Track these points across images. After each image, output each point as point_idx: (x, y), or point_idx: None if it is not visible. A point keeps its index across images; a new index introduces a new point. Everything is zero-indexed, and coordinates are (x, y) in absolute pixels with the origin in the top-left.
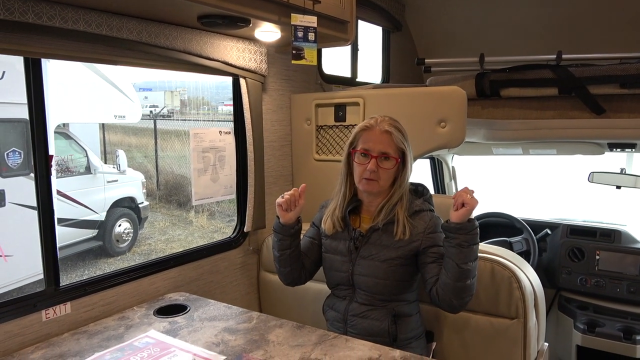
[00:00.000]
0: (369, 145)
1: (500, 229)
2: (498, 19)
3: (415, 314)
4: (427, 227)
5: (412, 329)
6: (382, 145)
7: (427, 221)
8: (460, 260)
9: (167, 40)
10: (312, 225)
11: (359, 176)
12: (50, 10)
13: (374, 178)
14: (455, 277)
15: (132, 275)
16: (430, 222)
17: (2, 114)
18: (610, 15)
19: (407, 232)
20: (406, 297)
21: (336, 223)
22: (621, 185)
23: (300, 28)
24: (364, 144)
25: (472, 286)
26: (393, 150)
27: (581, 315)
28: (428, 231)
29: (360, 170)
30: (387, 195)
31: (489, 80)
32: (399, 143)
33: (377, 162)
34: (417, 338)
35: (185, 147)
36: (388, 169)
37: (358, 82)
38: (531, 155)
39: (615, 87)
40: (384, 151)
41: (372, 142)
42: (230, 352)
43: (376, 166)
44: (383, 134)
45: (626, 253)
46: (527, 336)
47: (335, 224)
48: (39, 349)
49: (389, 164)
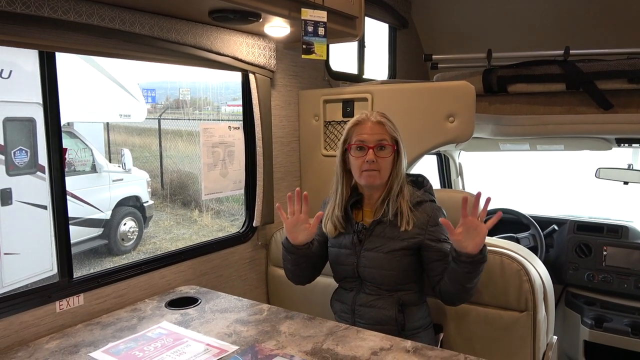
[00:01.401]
0: (364, 137)
1: (507, 225)
2: (504, 14)
3: (422, 303)
4: (429, 219)
5: (420, 318)
6: (377, 135)
7: (429, 212)
8: (466, 282)
9: (178, 35)
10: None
11: (359, 170)
12: (65, 4)
13: (375, 168)
14: (457, 290)
15: (144, 269)
16: (432, 214)
17: (9, 112)
18: (618, 11)
19: (410, 223)
20: (412, 286)
21: (337, 224)
22: (629, 181)
23: (310, 23)
24: (358, 136)
25: (475, 288)
26: (388, 139)
27: (588, 311)
28: (430, 224)
29: (359, 164)
30: (386, 187)
31: (497, 76)
32: (392, 132)
33: (375, 152)
34: (425, 328)
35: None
36: (386, 157)
37: (365, 78)
38: (538, 151)
39: (623, 82)
40: (379, 140)
41: (366, 133)
42: (242, 342)
43: (374, 156)
44: (375, 124)
45: (633, 249)
46: (537, 329)
47: (337, 225)
48: (54, 339)
49: (386, 153)
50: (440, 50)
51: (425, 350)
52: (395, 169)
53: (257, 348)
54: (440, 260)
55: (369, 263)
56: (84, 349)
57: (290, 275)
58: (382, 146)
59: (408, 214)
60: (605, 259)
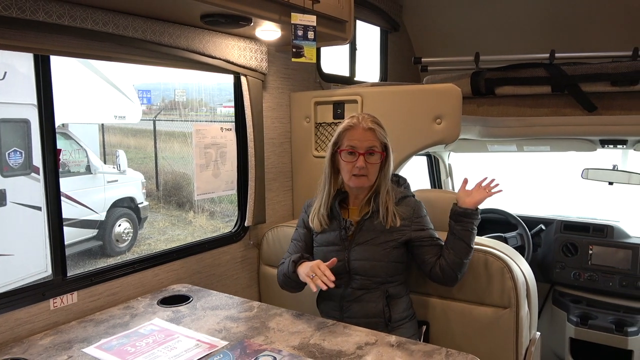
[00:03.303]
0: (355, 143)
1: (495, 225)
2: (493, 19)
3: (405, 295)
4: (414, 211)
5: (404, 310)
6: (367, 142)
7: (413, 205)
8: (471, 241)
9: (170, 38)
10: (298, 228)
11: (349, 173)
12: (60, 8)
13: (364, 173)
14: (464, 255)
15: (137, 267)
16: (416, 207)
17: (3, 114)
18: (602, 15)
19: (397, 219)
20: (398, 278)
21: (322, 220)
22: (614, 182)
23: (300, 27)
24: (349, 142)
25: (469, 256)
26: (378, 145)
27: (574, 309)
28: (415, 216)
29: (349, 168)
30: (373, 188)
31: (484, 78)
32: (382, 138)
33: (365, 159)
34: (409, 319)
35: (184, 148)
36: (375, 164)
37: (356, 81)
38: (525, 152)
39: (606, 84)
40: (370, 147)
41: (357, 139)
42: (232, 338)
43: (364, 162)
44: (367, 131)
45: (618, 248)
46: (520, 325)
47: (322, 222)
48: (48, 336)
49: (375, 159)
50: (431, 52)
51: (408, 345)
52: (382, 173)
53: (246, 343)
54: (431, 245)
55: (361, 256)
56: (77, 345)
57: (287, 289)
58: (372, 152)
59: (394, 211)
60: (591, 258)
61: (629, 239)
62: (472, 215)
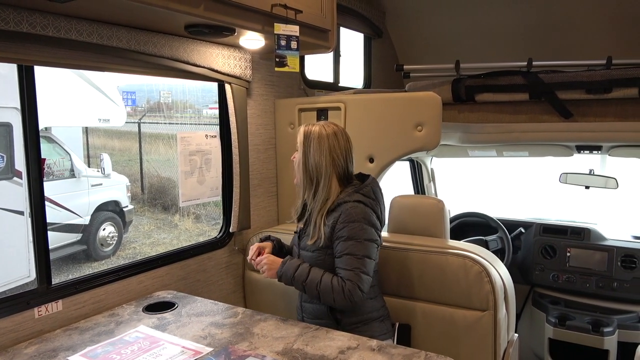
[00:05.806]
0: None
1: (476, 228)
2: (474, 27)
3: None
4: (337, 218)
5: (361, 314)
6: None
7: (340, 213)
8: (298, 285)
9: (155, 48)
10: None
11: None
12: (44, 20)
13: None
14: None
15: (121, 274)
16: (345, 213)
17: None
18: (578, 25)
19: (321, 232)
20: None
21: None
22: (590, 186)
23: (283, 37)
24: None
25: (321, 295)
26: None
27: (553, 310)
28: (341, 221)
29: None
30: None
31: (465, 85)
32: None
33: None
34: (365, 323)
35: (170, 150)
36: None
37: (340, 87)
38: (505, 157)
39: (581, 92)
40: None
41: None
42: (216, 344)
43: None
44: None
45: (595, 250)
46: (497, 327)
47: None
48: (33, 345)
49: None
50: (414, 58)
51: (389, 349)
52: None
53: (231, 349)
54: (339, 257)
55: (305, 259)
56: (62, 353)
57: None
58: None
59: (320, 224)
60: (569, 260)
61: (605, 242)
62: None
